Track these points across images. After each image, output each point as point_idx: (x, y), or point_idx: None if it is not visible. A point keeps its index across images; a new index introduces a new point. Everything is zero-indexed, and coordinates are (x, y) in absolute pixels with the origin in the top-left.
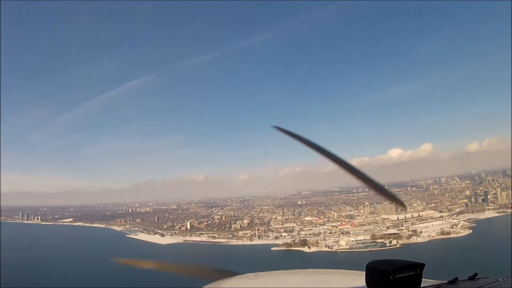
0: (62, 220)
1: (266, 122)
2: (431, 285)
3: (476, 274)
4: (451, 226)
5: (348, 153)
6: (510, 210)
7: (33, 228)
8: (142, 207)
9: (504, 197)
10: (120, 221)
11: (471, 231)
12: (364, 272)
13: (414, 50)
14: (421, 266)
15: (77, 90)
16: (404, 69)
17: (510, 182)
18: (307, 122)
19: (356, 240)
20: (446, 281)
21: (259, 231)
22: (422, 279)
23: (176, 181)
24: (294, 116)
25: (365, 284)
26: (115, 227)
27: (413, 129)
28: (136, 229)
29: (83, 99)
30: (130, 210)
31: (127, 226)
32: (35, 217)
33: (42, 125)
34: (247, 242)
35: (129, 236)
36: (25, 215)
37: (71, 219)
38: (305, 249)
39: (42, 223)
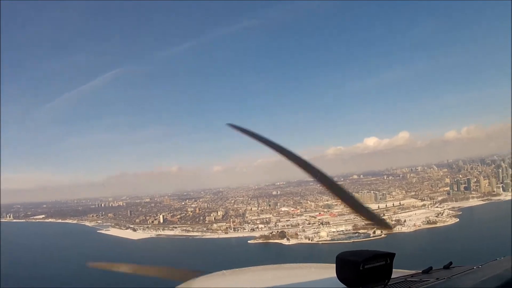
0: (35, 217)
1: (241, 113)
2: (405, 275)
3: (451, 263)
4: (436, 215)
5: (324, 141)
6: (494, 198)
7: (4, 226)
8: (115, 201)
9: (486, 185)
10: (92, 216)
11: (458, 219)
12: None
13: (390, 40)
14: (391, 256)
15: (48, 85)
16: (381, 58)
17: (490, 170)
18: (284, 111)
19: (338, 231)
20: (421, 271)
21: (234, 223)
22: (398, 270)
23: (149, 173)
24: (272, 105)
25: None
26: (87, 223)
27: (390, 118)
28: (108, 224)
29: (55, 94)
30: (103, 205)
31: (99, 221)
32: (7, 215)
33: (13, 120)
34: (222, 235)
35: (100, 231)
36: None
37: (43, 216)
38: (284, 241)
39: (14, 220)
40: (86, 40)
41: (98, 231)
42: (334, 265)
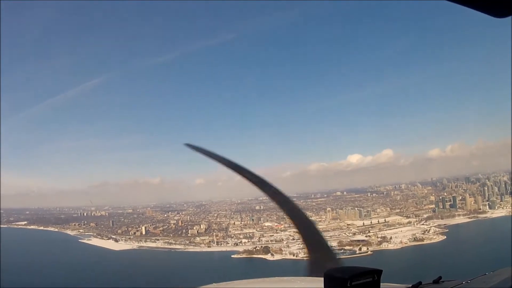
0: (17, 223)
1: (224, 124)
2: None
3: (440, 277)
4: (423, 232)
5: (307, 158)
6: (480, 216)
7: None
8: (98, 211)
9: (472, 202)
10: (74, 225)
11: (445, 237)
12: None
13: (374, 53)
14: (378, 272)
15: (31, 89)
16: (364, 72)
17: (476, 188)
18: (266, 125)
19: None
20: (410, 285)
21: (217, 237)
22: (387, 284)
23: (131, 183)
24: (254, 119)
25: None
26: (69, 231)
27: (374, 135)
28: (90, 233)
29: (37, 98)
30: (85, 214)
31: (81, 230)
32: None
33: None
34: (205, 248)
35: (82, 240)
36: None
37: (25, 222)
38: (268, 256)
39: None
40: (69, 45)
41: (79, 240)
42: (321, 278)
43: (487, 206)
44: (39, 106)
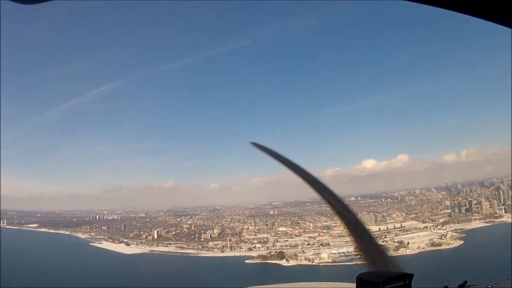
0: (28, 225)
1: (238, 131)
2: None
3: (466, 282)
4: (440, 237)
5: (322, 163)
6: (496, 220)
7: None
8: (110, 215)
9: (488, 206)
10: (86, 228)
11: (462, 241)
12: (354, 284)
13: (391, 60)
14: (410, 276)
15: (48, 94)
16: (381, 79)
17: (490, 193)
18: (282, 131)
19: (339, 253)
20: None
21: (231, 242)
22: None
23: (144, 188)
24: (269, 125)
25: None
26: (80, 234)
27: (389, 140)
28: (101, 237)
29: (54, 103)
30: (97, 217)
31: (92, 234)
32: (1, 221)
33: (11, 128)
34: (218, 253)
35: (92, 244)
36: None
37: (36, 225)
38: (283, 262)
39: (7, 226)
40: (83, 51)
41: (90, 244)
42: (349, 283)
43: (503, 210)
44: (53, 111)
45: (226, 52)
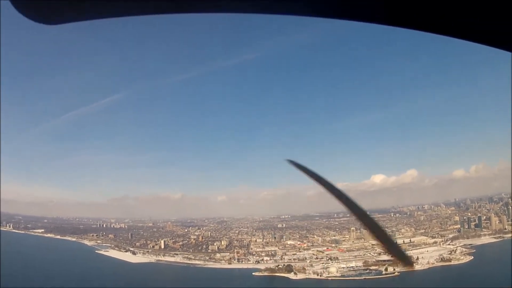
0: (34, 230)
1: (245, 144)
2: None
3: None
4: (449, 252)
5: (332, 177)
6: (506, 236)
7: (4, 235)
8: (117, 223)
9: (497, 222)
10: (92, 235)
11: (472, 257)
12: None
13: (402, 74)
14: None
15: (58, 102)
16: (391, 94)
17: (499, 208)
18: (289, 145)
19: (348, 267)
20: None
21: (238, 254)
22: None
23: (152, 198)
24: (276, 139)
25: None
26: (86, 242)
27: (398, 155)
28: (107, 244)
29: (63, 111)
30: (104, 225)
31: (99, 241)
32: (7, 224)
33: (20, 134)
34: (225, 265)
35: (98, 251)
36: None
37: (42, 230)
38: (291, 275)
39: (14, 230)
40: (93, 62)
41: (96, 251)
42: None
43: None
44: (62, 119)
45: (233, 65)
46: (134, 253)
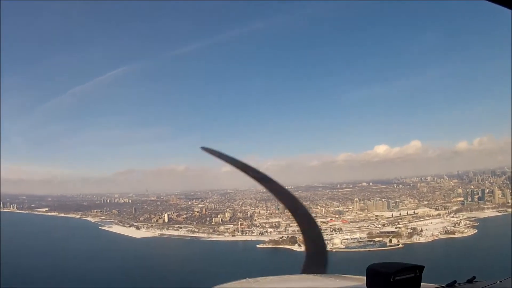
0: (38, 209)
1: (249, 115)
2: (429, 287)
3: (474, 277)
4: (453, 224)
5: (335, 147)
6: (509, 210)
7: (7, 216)
8: (121, 198)
9: (500, 195)
10: (96, 211)
11: (476, 230)
12: (363, 276)
13: (405, 47)
14: (420, 268)
15: (58, 79)
16: (395, 66)
17: (502, 182)
18: (294, 116)
19: (352, 239)
20: (445, 285)
21: (242, 226)
22: (422, 283)
23: (157, 170)
24: (281, 110)
25: None
26: (90, 218)
27: (403, 126)
28: (111, 220)
29: (64, 88)
30: (108, 201)
31: (102, 217)
32: (11, 205)
33: (23, 113)
34: (229, 237)
35: (102, 227)
36: (1, 202)
37: (46, 209)
38: (295, 247)
39: (17, 211)
40: (94, 36)
41: (100, 227)
42: (361, 277)
43: None
44: (65, 96)
45: (239, 36)
46: (138, 228)
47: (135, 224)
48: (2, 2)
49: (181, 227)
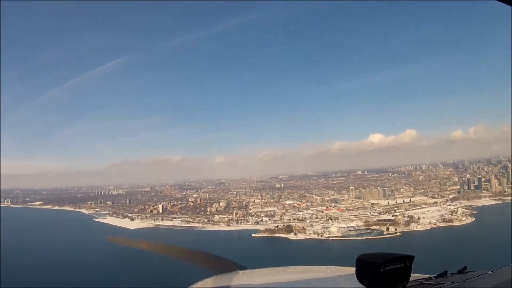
0: (32, 203)
1: (244, 105)
2: (420, 278)
3: (465, 268)
4: (451, 213)
5: (330, 136)
6: (507, 198)
7: (1, 210)
8: (116, 189)
9: (496, 184)
10: (90, 204)
11: (474, 218)
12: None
13: (400, 36)
14: (410, 258)
15: (51, 72)
16: (390, 55)
17: (497, 171)
18: (289, 105)
19: (348, 227)
20: (436, 275)
21: (237, 215)
22: (413, 274)
23: (151, 161)
24: (276, 101)
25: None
26: (84, 210)
27: (397, 115)
28: (105, 212)
29: (58, 81)
30: (102, 193)
31: (97, 209)
32: (6, 200)
33: (16, 106)
34: (224, 227)
35: (96, 219)
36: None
37: (41, 202)
38: (291, 236)
39: (12, 205)
40: (86, 29)
41: (94, 219)
42: (352, 268)
43: None
44: (58, 89)
45: (233, 27)
46: (132, 219)
47: (129, 215)
48: None
49: (175, 217)
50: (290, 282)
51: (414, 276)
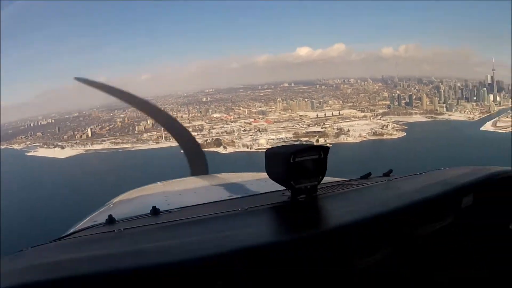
0: None
1: (170, 17)
2: (343, 179)
3: (391, 171)
4: (381, 127)
5: (255, 50)
6: (438, 117)
7: None
8: (44, 119)
9: (428, 102)
10: (21, 138)
11: (405, 133)
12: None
13: None
14: (325, 149)
15: None
16: None
17: (429, 90)
18: (207, 16)
19: (277, 139)
20: (359, 177)
21: (165, 132)
22: (337, 179)
23: (77, 86)
24: (194, 9)
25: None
26: (16, 146)
27: (326, 28)
28: (36, 144)
29: None
30: (32, 124)
31: (28, 143)
32: None
33: None
34: (153, 145)
35: (28, 153)
36: None
37: None
38: (220, 149)
39: None
40: None
41: (26, 154)
42: (261, 173)
43: (444, 108)
44: None
45: None
46: (62, 148)
47: (59, 144)
48: None
49: (104, 140)
50: (213, 186)
51: (339, 180)
